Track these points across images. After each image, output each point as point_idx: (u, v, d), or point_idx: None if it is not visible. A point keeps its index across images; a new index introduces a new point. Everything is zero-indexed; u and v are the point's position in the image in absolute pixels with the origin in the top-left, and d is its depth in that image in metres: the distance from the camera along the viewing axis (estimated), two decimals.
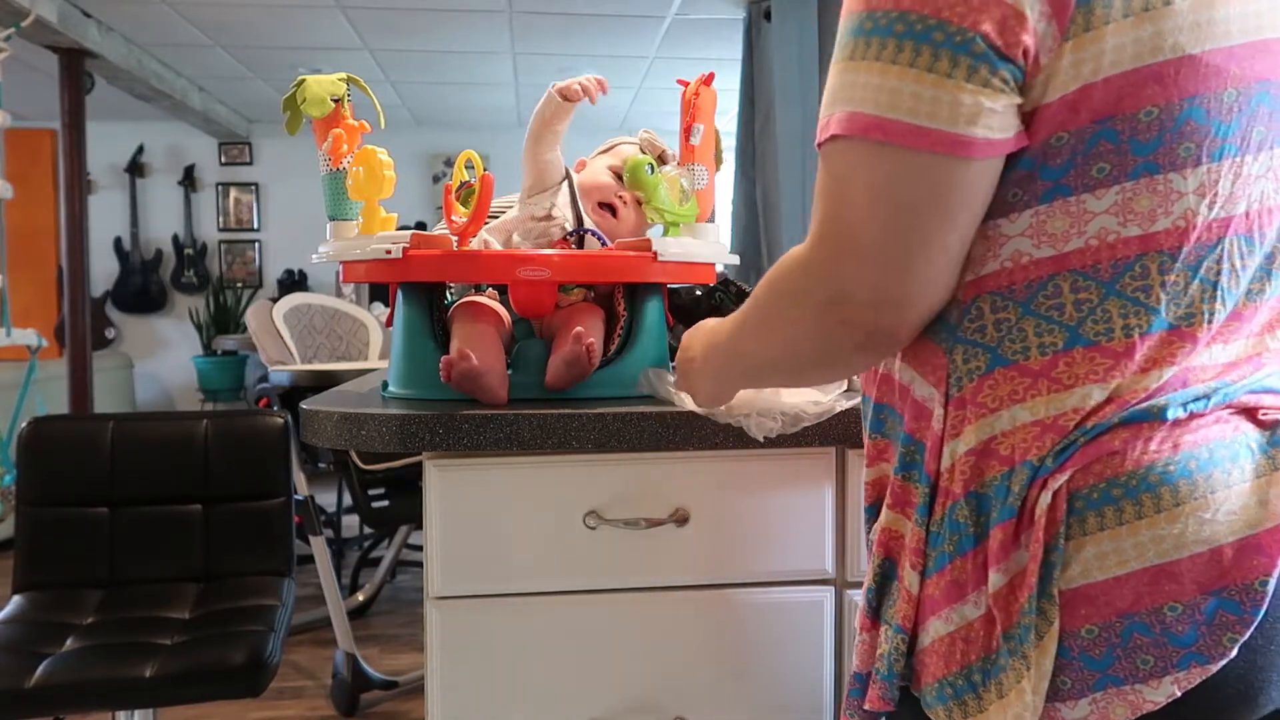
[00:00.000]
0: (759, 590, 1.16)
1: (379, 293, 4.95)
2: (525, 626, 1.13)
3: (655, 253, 1.20)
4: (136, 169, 6.54)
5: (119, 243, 6.55)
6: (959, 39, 0.67)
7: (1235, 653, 0.67)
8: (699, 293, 1.49)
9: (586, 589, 1.14)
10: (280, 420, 1.98)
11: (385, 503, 3.01)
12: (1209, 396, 0.71)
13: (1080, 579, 0.70)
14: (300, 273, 6.69)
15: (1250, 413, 0.72)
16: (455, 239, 1.22)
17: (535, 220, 1.30)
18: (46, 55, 4.40)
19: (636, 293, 1.25)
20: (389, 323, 1.29)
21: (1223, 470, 0.69)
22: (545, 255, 1.18)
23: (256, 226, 6.74)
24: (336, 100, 1.25)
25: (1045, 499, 0.70)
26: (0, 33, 3.69)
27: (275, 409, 2.41)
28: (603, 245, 1.29)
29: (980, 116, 0.68)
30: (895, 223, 0.70)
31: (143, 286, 6.58)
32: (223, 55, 5.03)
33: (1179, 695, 0.68)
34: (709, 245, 1.27)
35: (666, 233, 1.27)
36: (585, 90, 1.27)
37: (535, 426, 1.07)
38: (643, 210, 1.30)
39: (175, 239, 6.64)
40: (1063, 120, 0.69)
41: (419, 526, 1.52)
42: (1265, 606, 0.67)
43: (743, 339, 0.89)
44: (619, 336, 1.24)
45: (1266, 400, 0.72)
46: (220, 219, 6.71)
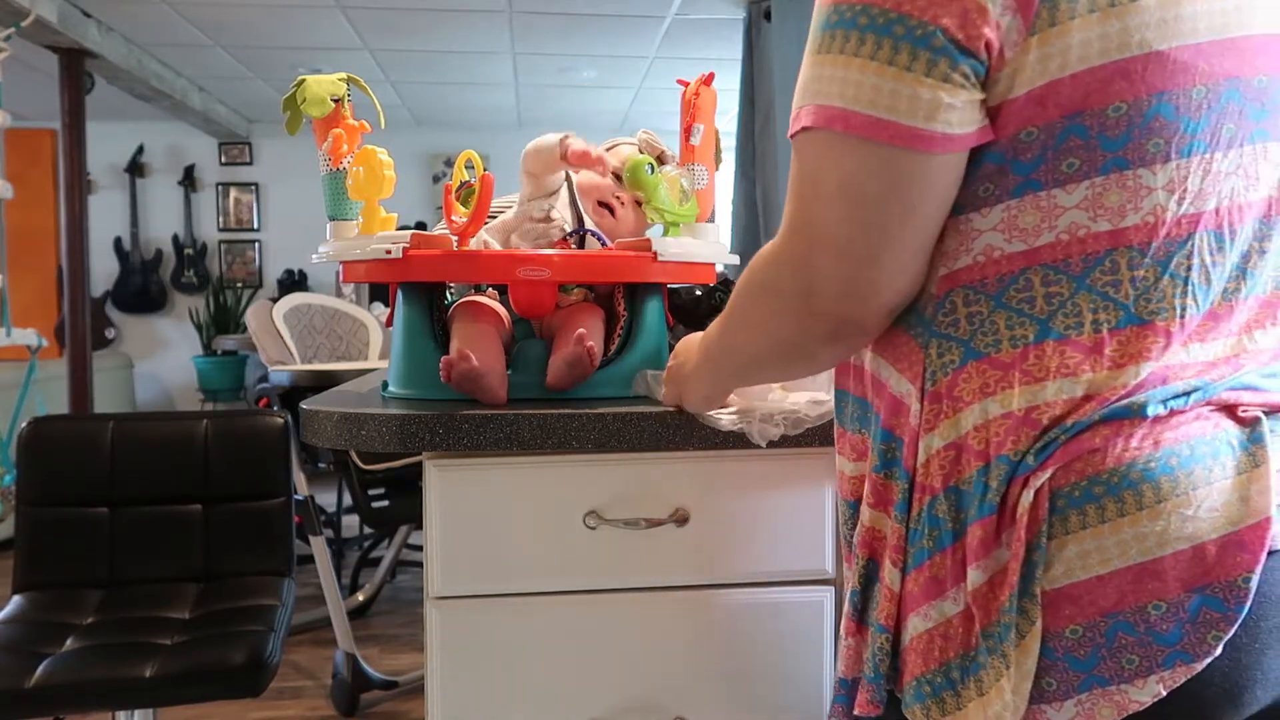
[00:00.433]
0: (759, 590, 1.16)
1: (379, 293, 4.95)
2: (525, 626, 1.13)
3: (655, 253, 1.20)
4: (136, 169, 6.55)
5: (119, 243, 6.55)
6: (919, 33, 0.67)
7: (1220, 650, 0.67)
8: (699, 293, 1.49)
9: (586, 589, 1.14)
10: (280, 420, 1.98)
11: (385, 503, 3.01)
12: (1189, 394, 0.71)
13: (1063, 579, 0.69)
14: (300, 273, 6.69)
15: (1230, 409, 0.72)
16: (455, 239, 1.22)
17: (534, 222, 1.30)
18: (46, 55, 4.40)
19: (636, 293, 1.25)
20: (389, 323, 1.29)
21: (1204, 467, 0.69)
22: (545, 255, 1.18)
23: (256, 226, 6.74)
24: (336, 100, 1.25)
25: (1027, 498, 0.69)
26: (0, 33, 3.69)
27: (275, 409, 2.41)
28: (603, 245, 1.29)
29: (939, 111, 0.68)
30: (860, 215, 0.71)
31: (143, 286, 6.58)
32: (223, 55, 5.04)
33: (1164, 695, 0.67)
34: (709, 245, 1.27)
35: (666, 233, 1.27)
36: (592, 161, 1.24)
37: (535, 426, 1.07)
38: (642, 211, 1.30)
39: (175, 239, 6.65)
40: (1031, 115, 0.69)
41: (419, 526, 1.52)
42: (1249, 603, 0.67)
43: (728, 334, 0.91)
44: (619, 336, 1.24)
45: (1246, 397, 0.72)
46: (220, 219, 6.72)
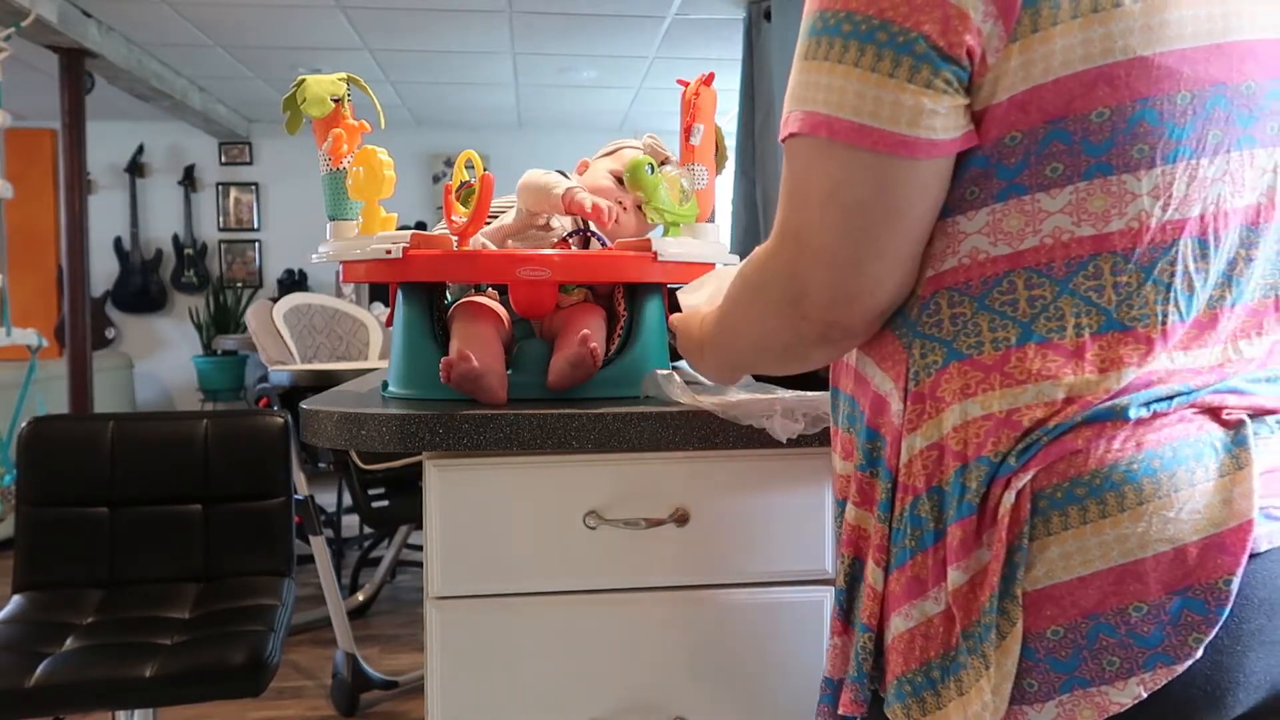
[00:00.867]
0: (759, 590, 1.16)
1: (379, 293, 4.95)
2: (525, 626, 1.13)
3: (655, 253, 1.20)
4: (136, 169, 6.55)
5: (119, 243, 6.55)
6: (901, 39, 0.68)
7: (1201, 653, 0.67)
8: None
9: (586, 589, 1.14)
10: (280, 420, 1.98)
11: (385, 503, 3.01)
12: (1173, 397, 0.70)
13: (1045, 580, 0.69)
14: (300, 273, 6.69)
15: (1214, 412, 0.71)
16: (455, 239, 1.22)
17: (536, 229, 1.30)
18: (46, 55, 4.40)
19: (636, 293, 1.25)
20: (389, 323, 1.29)
21: (1186, 469, 0.69)
22: (545, 255, 1.18)
23: (256, 226, 6.74)
24: (336, 100, 1.25)
25: (1009, 499, 0.69)
26: (0, 33, 3.69)
27: (275, 409, 2.41)
28: (603, 246, 1.29)
29: (921, 117, 0.68)
30: (846, 221, 0.72)
31: (143, 286, 6.58)
32: (222, 55, 5.04)
33: (1145, 697, 0.67)
34: (709, 245, 1.27)
35: (666, 233, 1.27)
36: (601, 219, 1.23)
37: (535, 426, 1.07)
38: (643, 214, 1.30)
39: (175, 239, 6.65)
40: (1014, 120, 0.70)
41: (419, 526, 1.51)
42: (1230, 606, 0.67)
43: (723, 331, 0.93)
44: (619, 336, 1.24)
45: (1230, 400, 0.72)
46: (220, 219, 6.72)
